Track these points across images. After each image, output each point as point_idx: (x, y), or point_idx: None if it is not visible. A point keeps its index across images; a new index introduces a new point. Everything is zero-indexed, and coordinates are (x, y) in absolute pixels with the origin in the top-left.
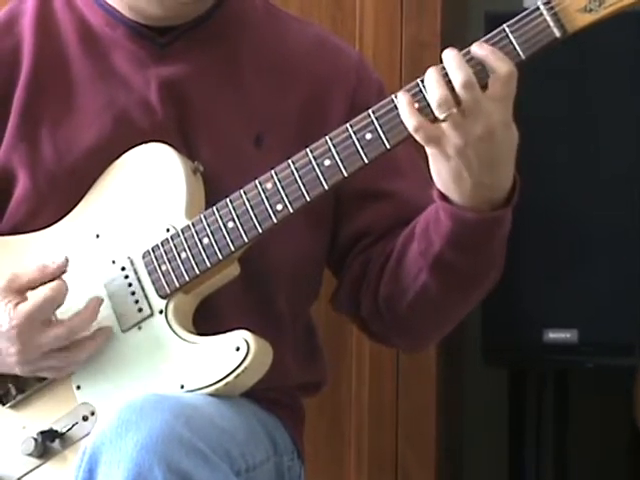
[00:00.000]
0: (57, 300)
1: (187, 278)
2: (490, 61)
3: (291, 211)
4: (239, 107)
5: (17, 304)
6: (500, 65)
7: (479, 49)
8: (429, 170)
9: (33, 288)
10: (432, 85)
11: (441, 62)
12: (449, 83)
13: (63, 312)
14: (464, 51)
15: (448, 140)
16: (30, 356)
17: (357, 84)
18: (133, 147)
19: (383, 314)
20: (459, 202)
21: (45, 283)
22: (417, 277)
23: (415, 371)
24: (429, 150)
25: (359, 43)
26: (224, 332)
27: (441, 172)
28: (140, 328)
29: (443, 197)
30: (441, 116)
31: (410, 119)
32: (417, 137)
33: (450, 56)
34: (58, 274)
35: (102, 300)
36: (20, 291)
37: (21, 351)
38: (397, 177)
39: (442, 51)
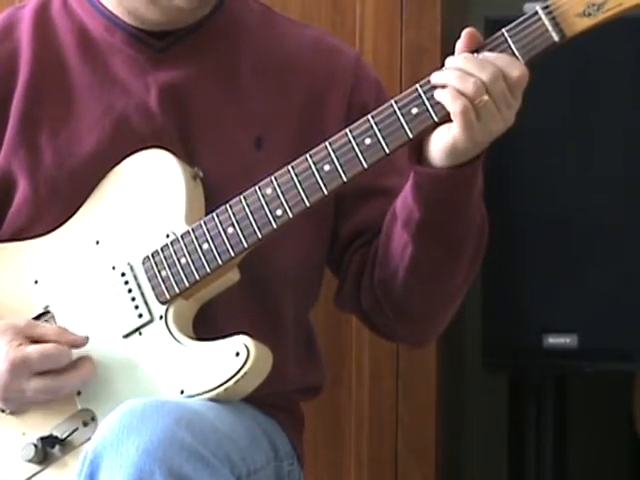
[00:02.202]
0: (57, 362)
1: (187, 284)
2: (502, 66)
3: (290, 216)
4: (238, 110)
5: (20, 344)
6: (512, 69)
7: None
8: None
9: (44, 342)
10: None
11: (442, 67)
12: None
13: (63, 319)
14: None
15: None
16: (9, 396)
17: (354, 83)
18: (133, 153)
19: (381, 302)
20: (439, 164)
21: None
22: (404, 252)
23: (415, 373)
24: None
25: (359, 48)
26: (224, 337)
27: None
28: (140, 334)
29: (420, 164)
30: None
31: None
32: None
33: (466, 58)
34: (72, 346)
35: (94, 365)
36: (31, 339)
37: (2, 389)
38: (394, 173)
39: (442, 56)
